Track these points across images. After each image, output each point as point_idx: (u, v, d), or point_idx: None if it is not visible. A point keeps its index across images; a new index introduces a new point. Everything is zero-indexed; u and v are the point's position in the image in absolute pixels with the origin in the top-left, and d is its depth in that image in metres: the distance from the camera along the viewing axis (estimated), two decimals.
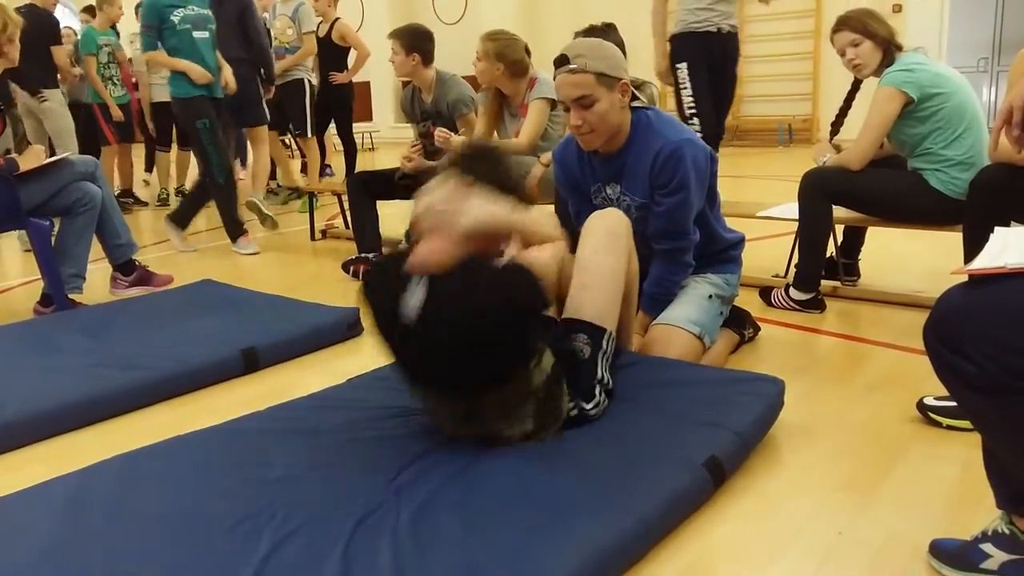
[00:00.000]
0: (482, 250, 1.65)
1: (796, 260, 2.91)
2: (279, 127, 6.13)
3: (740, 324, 2.54)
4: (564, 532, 1.36)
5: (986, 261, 1.15)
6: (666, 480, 1.54)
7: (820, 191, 2.79)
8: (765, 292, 2.99)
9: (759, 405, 1.84)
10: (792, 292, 2.89)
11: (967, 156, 2.60)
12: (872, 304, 2.95)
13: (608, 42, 2.20)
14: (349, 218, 4.12)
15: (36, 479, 1.68)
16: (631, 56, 3.42)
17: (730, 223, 2.51)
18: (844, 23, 2.76)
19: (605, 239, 1.92)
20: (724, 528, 1.53)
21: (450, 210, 1.64)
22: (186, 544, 1.39)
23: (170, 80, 4.41)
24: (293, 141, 7.45)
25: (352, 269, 3.75)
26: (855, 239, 3.20)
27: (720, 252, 2.43)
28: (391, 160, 4.02)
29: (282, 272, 4.08)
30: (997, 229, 1.27)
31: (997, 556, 1.29)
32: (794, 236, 2.96)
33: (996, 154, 2.37)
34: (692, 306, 2.31)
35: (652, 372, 2.05)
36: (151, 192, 7.42)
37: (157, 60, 4.40)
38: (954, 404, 1.81)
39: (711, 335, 2.33)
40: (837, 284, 3.11)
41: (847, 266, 3.17)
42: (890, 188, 2.75)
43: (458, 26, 11.61)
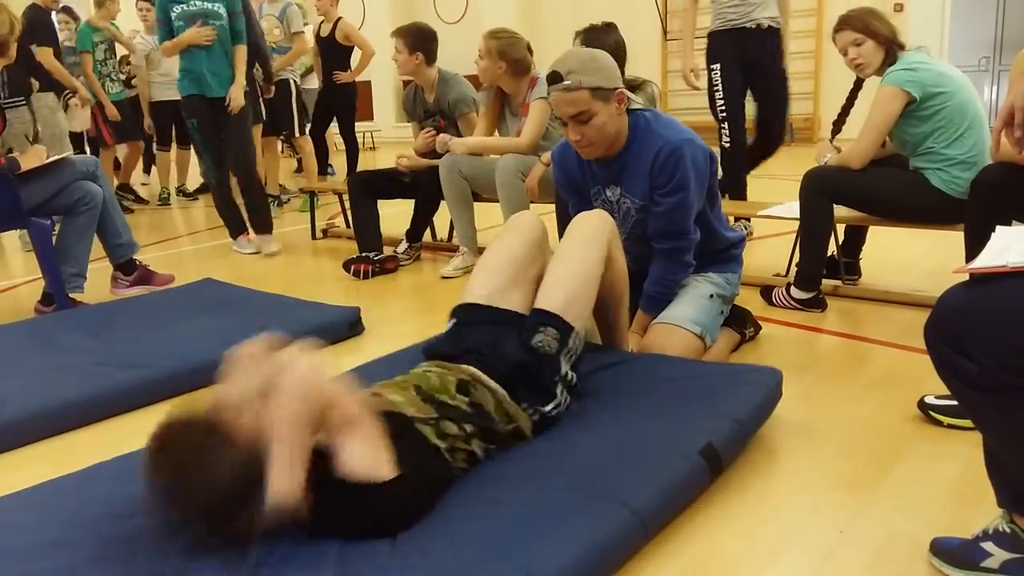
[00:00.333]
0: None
1: (797, 259, 2.91)
2: (273, 130, 6.09)
3: (741, 323, 2.54)
4: (560, 526, 1.35)
5: (987, 260, 1.15)
6: (662, 470, 1.53)
7: (821, 190, 2.79)
8: (766, 291, 2.99)
9: (756, 394, 1.83)
10: (793, 291, 2.89)
11: (969, 155, 2.59)
12: (873, 303, 2.95)
13: (600, 51, 2.18)
14: (350, 217, 4.12)
15: (36, 479, 1.69)
16: (631, 56, 3.44)
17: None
18: (846, 22, 2.76)
19: (583, 234, 1.94)
20: (724, 527, 1.53)
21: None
22: (186, 544, 1.39)
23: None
24: (287, 143, 7.42)
25: (353, 268, 3.75)
26: (856, 238, 3.20)
27: (721, 251, 2.43)
28: (392, 159, 4.02)
29: (283, 271, 4.07)
30: (998, 228, 1.27)
31: (998, 555, 1.29)
32: (795, 235, 2.96)
33: (998, 154, 2.37)
34: (693, 305, 2.31)
35: (649, 368, 2.04)
36: (151, 191, 7.42)
37: (166, 47, 4.34)
38: (955, 403, 1.81)
39: (712, 334, 2.33)
40: (838, 283, 3.11)
41: (848, 265, 3.17)
42: (891, 187, 2.74)
43: (458, 25, 11.63)
